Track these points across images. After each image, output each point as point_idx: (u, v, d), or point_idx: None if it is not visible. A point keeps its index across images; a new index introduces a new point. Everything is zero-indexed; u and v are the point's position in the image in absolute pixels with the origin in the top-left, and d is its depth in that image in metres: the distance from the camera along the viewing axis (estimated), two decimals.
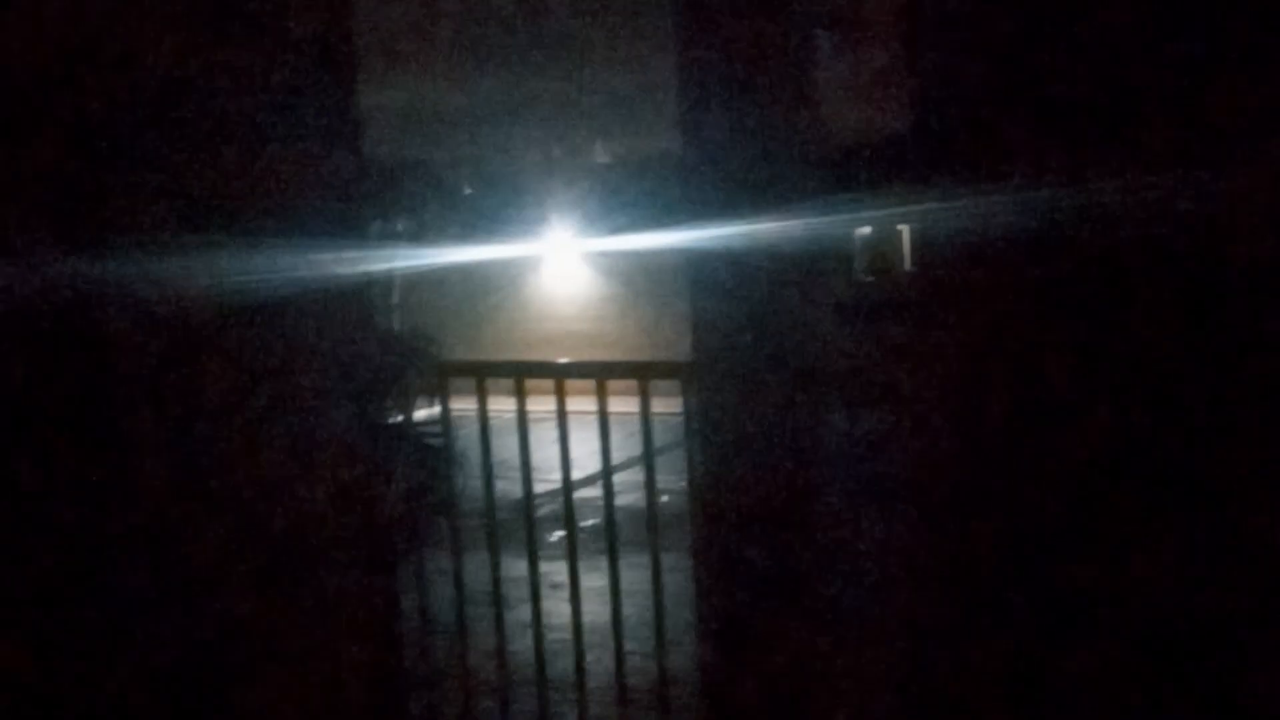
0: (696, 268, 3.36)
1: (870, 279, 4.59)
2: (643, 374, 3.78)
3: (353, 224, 3.27)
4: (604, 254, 16.56)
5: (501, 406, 3.90)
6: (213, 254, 2.87)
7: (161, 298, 2.80)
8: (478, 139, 16.06)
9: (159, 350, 2.83)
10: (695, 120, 3.30)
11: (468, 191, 16.39)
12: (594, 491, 4.81)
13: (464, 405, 3.97)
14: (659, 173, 14.38)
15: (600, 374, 3.87)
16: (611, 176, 16.31)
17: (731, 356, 3.26)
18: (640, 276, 16.12)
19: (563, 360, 3.93)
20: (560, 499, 3.95)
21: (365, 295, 3.41)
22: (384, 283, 4.12)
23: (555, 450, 3.90)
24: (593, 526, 4.38)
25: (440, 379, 3.97)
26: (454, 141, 15.41)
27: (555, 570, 4.15)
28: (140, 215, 2.82)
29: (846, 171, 3.60)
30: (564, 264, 17.10)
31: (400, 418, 4.03)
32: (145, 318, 2.79)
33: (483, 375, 3.93)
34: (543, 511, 4.17)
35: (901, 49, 3.18)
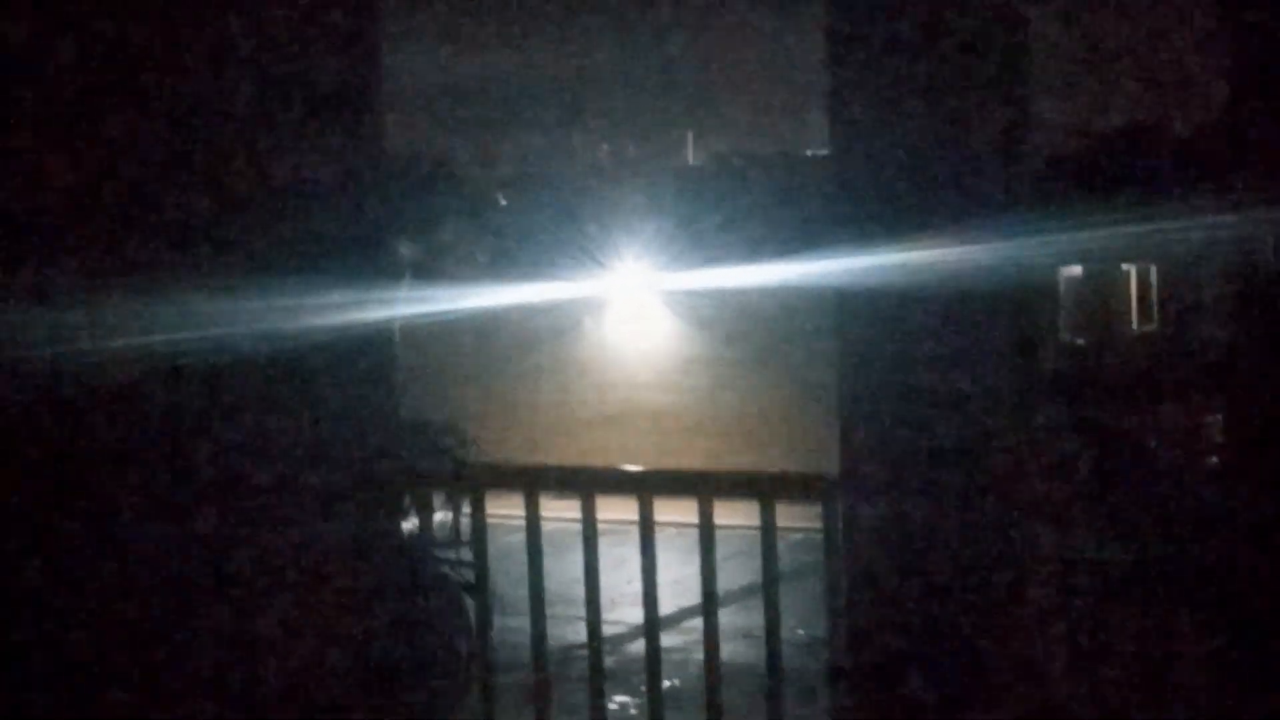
0: (842, 322, 3.33)
1: (1082, 341, 4.59)
2: (766, 490, 3.57)
3: (353, 245, 3.29)
4: (695, 295, 16.57)
5: (544, 513, 3.88)
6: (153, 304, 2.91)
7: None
8: (517, 129, 16.26)
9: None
10: (849, 110, 3.30)
11: (502, 202, 16.55)
12: (675, 639, 4.78)
13: (500, 511, 3.94)
14: (777, 178, 14.41)
15: (703, 488, 3.67)
16: (707, 183, 16.40)
17: (893, 455, 3.22)
18: (747, 327, 16.13)
19: (636, 469, 3.86)
20: (623, 647, 3.92)
21: (361, 359, 3.39)
22: (384, 338, 4.14)
23: (614, 577, 3.85)
24: (670, 689, 4.34)
25: (473, 488, 3.86)
26: (482, 131, 15.62)
27: None
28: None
29: (1052, 185, 3.61)
30: (638, 308, 17.18)
31: (414, 532, 4.02)
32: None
33: (533, 486, 3.79)
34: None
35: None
